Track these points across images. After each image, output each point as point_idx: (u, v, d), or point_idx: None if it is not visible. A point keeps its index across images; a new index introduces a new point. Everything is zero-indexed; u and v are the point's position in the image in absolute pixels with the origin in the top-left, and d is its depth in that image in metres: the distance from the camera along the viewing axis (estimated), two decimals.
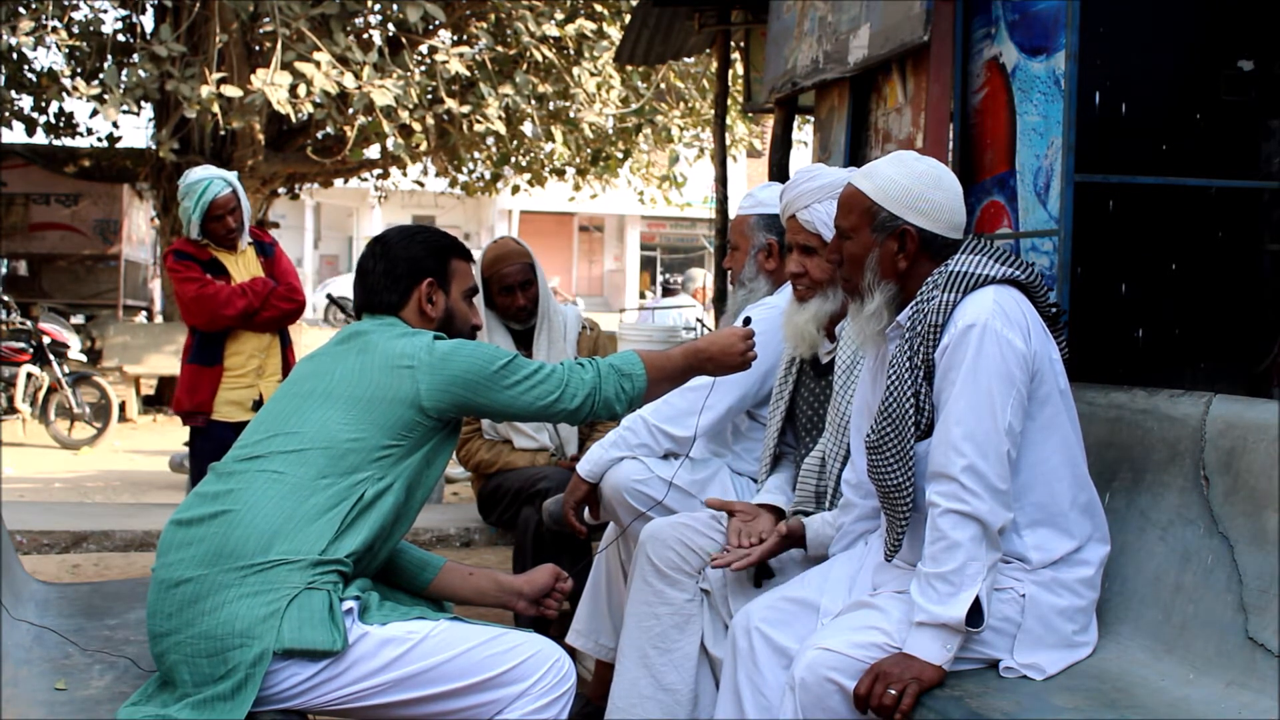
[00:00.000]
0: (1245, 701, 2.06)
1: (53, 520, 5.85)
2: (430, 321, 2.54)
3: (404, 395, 2.37)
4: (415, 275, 2.54)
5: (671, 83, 12.44)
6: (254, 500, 2.27)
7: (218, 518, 2.27)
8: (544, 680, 2.29)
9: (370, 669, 2.23)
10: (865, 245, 2.37)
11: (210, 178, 4.64)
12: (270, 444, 2.37)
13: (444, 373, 2.38)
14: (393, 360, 2.39)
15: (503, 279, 3.97)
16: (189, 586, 2.22)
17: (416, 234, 2.61)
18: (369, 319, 2.54)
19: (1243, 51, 3.02)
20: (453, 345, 2.44)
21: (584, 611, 3.37)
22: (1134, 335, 3.01)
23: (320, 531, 2.26)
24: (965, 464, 2.18)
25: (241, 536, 2.23)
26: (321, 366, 2.48)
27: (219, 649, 2.16)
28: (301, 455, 2.33)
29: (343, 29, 9.98)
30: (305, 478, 2.30)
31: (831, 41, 4.01)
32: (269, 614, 2.17)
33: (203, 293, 4.57)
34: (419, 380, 2.37)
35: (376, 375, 2.38)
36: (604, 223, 35.93)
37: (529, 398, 2.44)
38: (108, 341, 12.30)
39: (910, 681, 2.12)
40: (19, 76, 11.61)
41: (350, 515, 2.29)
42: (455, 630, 2.30)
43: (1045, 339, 2.33)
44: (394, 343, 2.43)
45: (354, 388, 2.38)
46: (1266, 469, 2.20)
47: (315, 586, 2.22)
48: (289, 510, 2.26)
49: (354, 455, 2.33)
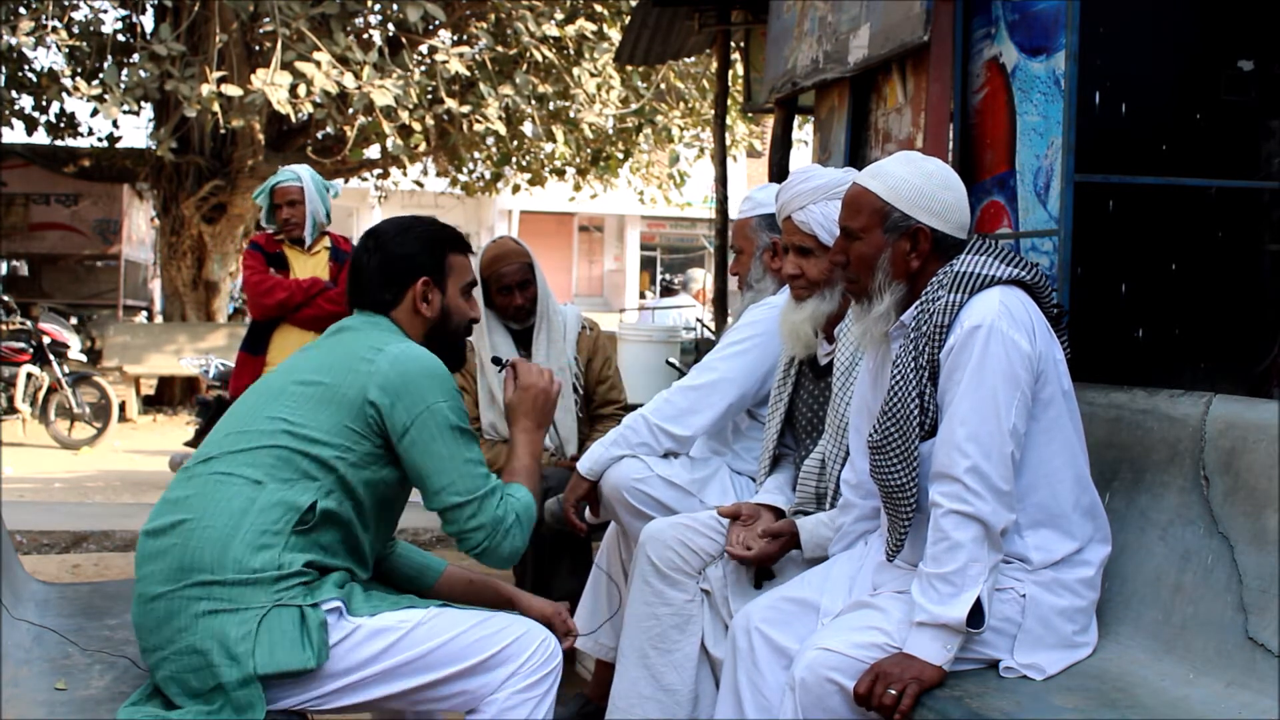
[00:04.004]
0: (1245, 701, 2.06)
1: (53, 520, 5.85)
2: (425, 320, 2.48)
3: (356, 394, 2.29)
4: (410, 274, 2.46)
5: (671, 83, 12.45)
6: (206, 508, 2.22)
7: (177, 527, 2.22)
8: (532, 659, 2.30)
9: (363, 660, 2.22)
10: (877, 246, 2.36)
11: (286, 170, 4.98)
12: (224, 443, 2.31)
13: (396, 374, 2.29)
14: (355, 358, 2.32)
15: (501, 278, 3.97)
16: (161, 603, 2.19)
17: (411, 227, 2.52)
18: (358, 315, 2.48)
19: (1243, 51, 3.02)
20: (415, 361, 2.33)
21: (584, 611, 3.37)
22: (1134, 335, 3.00)
23: (269, 543, 2.19)
24: (969, 465, 2.18)
25: (198, 549, 2.18)
26: (291, 362, 2.43)
27: (202, 664, 2.14)
28: (250, 455, 2.26)
29: (343, 29, 9.99)
30: (251, 479, 2.24)
31: (831, 41, 4.01)
32: (243, 635, 2.13)
33: (250, 279, 4.89)
34: (374, 376, 2.29)
35: (336, 373, 2.32)
36: (604, 223, 35.91)
37: (453, 469, 2.30)
38: (108, 341, 12.31)
39: (910, 681, 2.12)
40: (19, 76, 11.63)
41: (298, 525, 2.23)
42: (444, 617, 2.30)
43: (1050, 340, 2.33)
44: (364, 340, 2.36)
45: (311, 385, 2.32)
46: (1266, 469, 2.20)
47: (283, 603, 2.17)
48: (237, 520, 2.20)
49: (301, 459, 2.26)
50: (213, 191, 11.99)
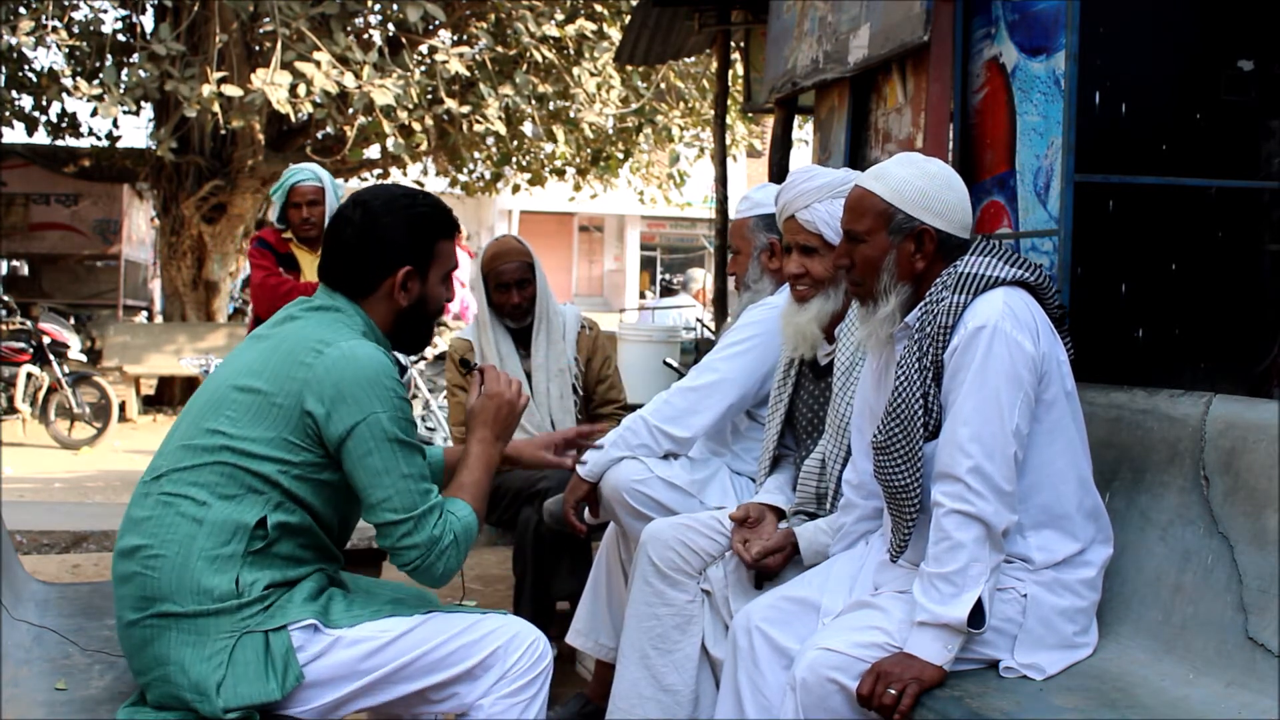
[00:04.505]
0: (1245, 701, 2.06)
1: (53, 520, 5.85)
2: (399, 306, 2.33)
3: (293, 404, 2.18)
4: (393, 262, 2.31)
5: (671, 83, 12.45)
6: (158, 534, 2.17)
7: (138, 553, 2.18)
8: (520, 663, 2.27)
9: (344, 673, 2.19)
10: (881, 248, 2.36)
11: (303, 168, 4.89)
12: (171, 457, 2.23)
13: (332, 381, 2.18)
14: (294, 361, 2.20)
15: (500, 275, 3.97)
16: (136, 630, 2.17)
17: (402, 207, 2.33)
18: (322, 294, 2.34)
19: (1243, 51, 3.02)
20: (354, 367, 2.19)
21: (584, 611, 3.37)
22: (1134, 335, 3.00)
23: (223, 567, 2.14)
24: (971, 465, 2.18)
25: (156, 579, 2.15)
26: (234, 358, 2.31)
27: (179, 696, 2.13)
28: (194, 474, 2.19)
29: (343, 29, 9.98)
30: (196, 500, 2.17)
31: (831, 41, 4.01)
32: (212, 669, 2.11)
33: (266, 281, 4.79)
34: (310, 385, 2.18)
35: (273, 379, 2.20)
36: (604, 223, 35.91)
37: (389, 484, 2.18)
38: (108, 341, 12.30)
39: (911, 681, 2.12)
40: (19, 76, 11.62)
41: (251, 544, 2.16)
42: (429, 625, 2.25)
43: (1054, 341, 2.33)
44: (307, 337, 2.23)
45: (249, 393, 2.21)
46: (1266, 469, 2.20)
47: (251, 630, 2.13)
48: (187, 546, 2.14)
49: (243, 475, 2.17)
50: (213, 191, 11.99)
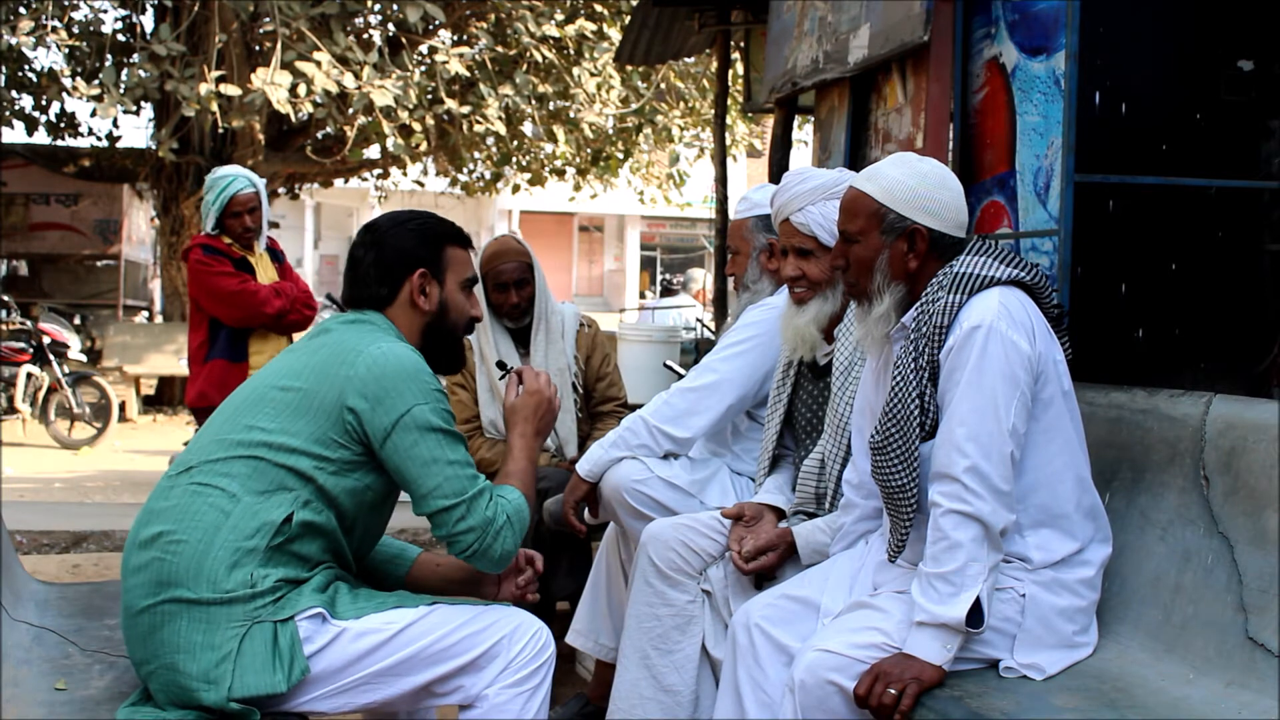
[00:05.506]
0: (1245, 701, 2.06)
1: (53, 520, 5.85)
2: (423, 314, 2.42)
3: (334, 401, 2.24)
4: (406, 266, 2.39)
5: (671, 83, 12.46)
6: (183, 521, 2.19)
7: (157, 540, 2.19)
8: (524, 653, 2.29)
9: (349, 665, 2.20)
10: (874, 248, 2.37)
11: (236, 174, 4.77)
12: (204, 450, 2.27)
13: (374, 377, 2.24)
14: (335, 361, 2.26)
15: (498, 275, 3.97)
16: (146, 617, 2.17)
17: (409, 220, 2.45)
18: (346, 314, 2.43)
19: (1243, 51, 3.02)
20: (394, 362, 2.26)
21: (584, 611, 3.37)
22: (1134, 335, 3.01)
23: (243, 560, 2.16)
24: (968, 464, 2.18)
25: (174, 564, 2.16)
26: (274, 365, 2.37)
27: (184, 685, 2.13)
28: (227, 465, 2.23)
29: (343, 29, 9.99)
30: (227, 492, 2.20)
31: (831, 41, 4.01)
32: (221, 658, 2.12)
33: (244, 289, 4.67)
34: (352, 381, 2.24)
35: (315, 378, 2.26)
36: (604, 223, 35.91)
37: (438, 471, 2.25)
38: (108, 341, 12.31)
39: (910, 681, 2.12)
40: (19, 76, 11.62)
41: (274, 539, 2.19)
42: (433, 616, 2.27)
43: (1050, 341, 2.33)
44: (345, 343, 2.30)
45: (291, 391, 2.26)
46: (1266, 469, 2.20)
47: (261, 620, 2.15)
48: (211, 535, 2.17)
49: (277, 470, 2.22)
50: None
